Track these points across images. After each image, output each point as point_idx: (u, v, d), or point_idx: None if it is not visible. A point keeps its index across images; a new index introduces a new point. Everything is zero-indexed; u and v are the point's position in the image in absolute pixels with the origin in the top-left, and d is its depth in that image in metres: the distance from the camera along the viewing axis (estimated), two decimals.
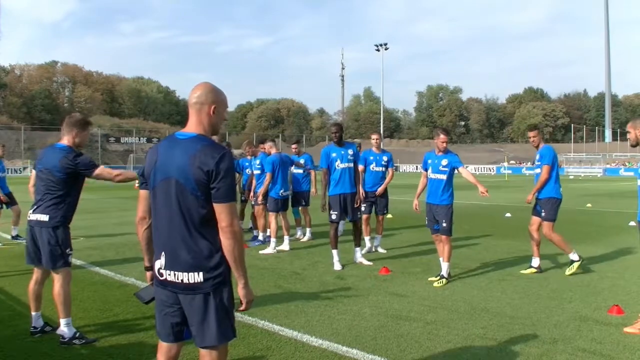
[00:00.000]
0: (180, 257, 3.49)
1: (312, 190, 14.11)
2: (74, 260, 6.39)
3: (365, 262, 10.28)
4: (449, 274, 9.00)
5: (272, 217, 12.05)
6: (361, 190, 10.39)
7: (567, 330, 6.47)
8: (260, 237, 12.97)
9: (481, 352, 5.77)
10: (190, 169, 3.42)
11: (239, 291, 3.54)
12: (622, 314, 7.04)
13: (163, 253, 3.56)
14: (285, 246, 12.07)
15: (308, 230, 13.77)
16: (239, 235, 3.45)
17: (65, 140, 6.24)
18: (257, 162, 13.13)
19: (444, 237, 9.07)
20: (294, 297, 7.99)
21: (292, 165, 13.15)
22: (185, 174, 3.42)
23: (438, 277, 8.93)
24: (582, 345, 5.97)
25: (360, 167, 10.88)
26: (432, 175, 9.25)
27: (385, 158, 11.94)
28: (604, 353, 5.74)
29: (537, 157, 9.77)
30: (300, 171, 13.79)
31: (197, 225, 3.46)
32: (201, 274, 3.46)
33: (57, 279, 6.06)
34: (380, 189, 11.73)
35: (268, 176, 12.00)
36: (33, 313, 6.35)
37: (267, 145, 12.62)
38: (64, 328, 6.00)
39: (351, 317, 6.98)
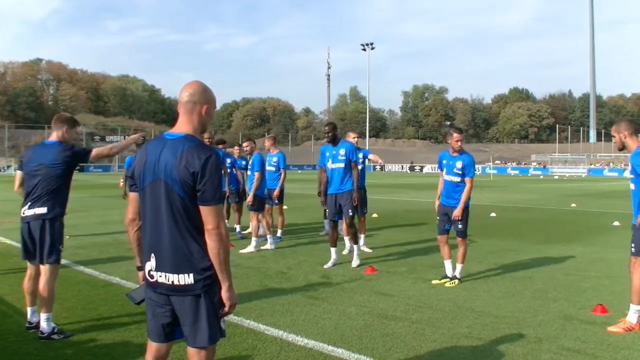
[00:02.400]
0: (170, 259, 3.46)
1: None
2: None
3: (355, 265, 10.20)
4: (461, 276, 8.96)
5: (254, 216, 12.00)
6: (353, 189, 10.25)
7: (551, 330, 6.49)
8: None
9: (466, 352, 5.78)
10: (176, 170, 3.39)
11: (223, 294, 3.49)
12: (606, 313, 7.09)
13: (153, 255, 3.53)
14: (269, 245, 12.06)
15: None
16: (225, 238, 3.42)
17: (55, 136, 6.35)
18: (244, 162, 13.17)
19: (459, 239, 8.95)
20: (279, 296, 7.98)
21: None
22: (172, 174, 3.40)
23: (447, 279, 8.92)
24: (566, 344, 6.00)
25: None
26: (446, 177, 9.05)
27: (360, 155, 11.89)
28: (588, 352, 5.76)
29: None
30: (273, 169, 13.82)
31: (186, 226, 3.43)
32: (191, 275, 3.43)
33: (43, 274, 6.14)
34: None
35: (257, 175, 11.92)
36: (28, 308, 6.39)
37: (269, 141, 12.80)
38: (43, 323, 6.05)
39: (337, 316, 6.98)
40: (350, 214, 10.13)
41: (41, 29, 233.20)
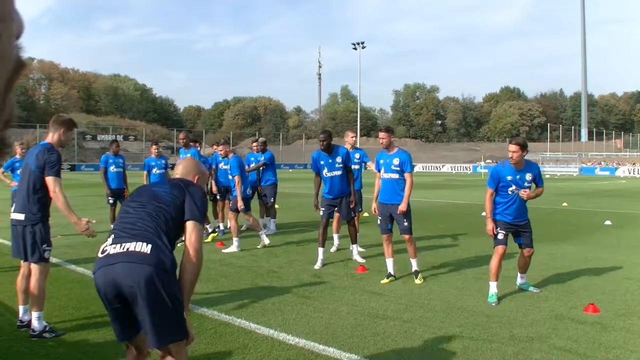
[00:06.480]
0: None
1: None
2: (50, 259, 6.36)
3: (360, 260, 10.38)
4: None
5: (232, 217, 12.01)
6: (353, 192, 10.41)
7: (543, 329, 6.50)
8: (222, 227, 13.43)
9: (457, 351, 5.78)
10: None
11: None
12: (597, 312, 7.11)
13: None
14: (266, 240, 12.17)
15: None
16: None
17: (50, 137, 6.32)
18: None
19: (406, 236, 8.98)
20: (270, 295, 7.97)
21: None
22: None
23: (393, 278, 8.98)
24: (558, 343, 6.01)
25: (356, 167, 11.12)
26: (385, 175, 9.14)
27: (357, 155, 11.89)
28: (580, 352, 5.77)
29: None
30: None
31: None
32: None
33: (33, 273, 6.16)
34: None
35: (237, 179, 11.87)
36: (20, 306, 6.41)
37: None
38: (34, 321, 6.06)
39: (328, 315, 6.98)
40: (353, 215, 10.34)
41: (33, 28, 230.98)
